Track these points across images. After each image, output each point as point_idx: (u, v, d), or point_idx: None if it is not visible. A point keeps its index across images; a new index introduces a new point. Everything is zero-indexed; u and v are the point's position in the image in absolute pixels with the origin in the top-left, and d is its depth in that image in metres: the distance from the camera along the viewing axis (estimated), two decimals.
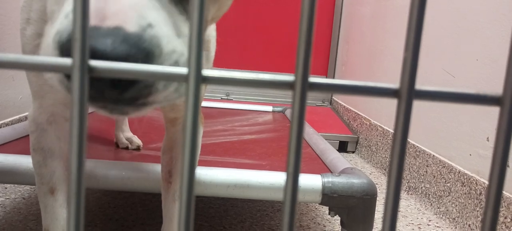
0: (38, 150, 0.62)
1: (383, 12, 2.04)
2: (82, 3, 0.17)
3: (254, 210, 1.30)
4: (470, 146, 1.28)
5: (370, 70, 2.16)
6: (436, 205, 1.41)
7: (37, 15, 0.55)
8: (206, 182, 0.88)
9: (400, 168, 0.20)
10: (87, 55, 0.18)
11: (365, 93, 0.20)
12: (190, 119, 0.19)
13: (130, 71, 0.19)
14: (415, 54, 0.19)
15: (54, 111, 0.61)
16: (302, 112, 0.19)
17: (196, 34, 0.19)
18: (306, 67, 0.19)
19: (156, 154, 1.12)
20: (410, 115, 0.20)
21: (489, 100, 0.20)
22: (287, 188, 0.20)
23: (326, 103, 2.72)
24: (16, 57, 0.18)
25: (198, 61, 0.19)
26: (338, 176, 0.90)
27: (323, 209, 1.36)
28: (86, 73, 0.18)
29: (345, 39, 2.62)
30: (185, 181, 0.19)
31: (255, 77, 0.19)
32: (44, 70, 0.18)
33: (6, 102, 1.40)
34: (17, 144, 1.11)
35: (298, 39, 0.18)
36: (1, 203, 1.22)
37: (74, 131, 0.18)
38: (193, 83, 0.19)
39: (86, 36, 0.17)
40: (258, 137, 1.44)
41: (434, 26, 1.53)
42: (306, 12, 0.18)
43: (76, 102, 0.18)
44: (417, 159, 1.57)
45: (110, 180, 0.88)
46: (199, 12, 0.18)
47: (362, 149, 2.10)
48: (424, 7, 0.19)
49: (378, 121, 1.97)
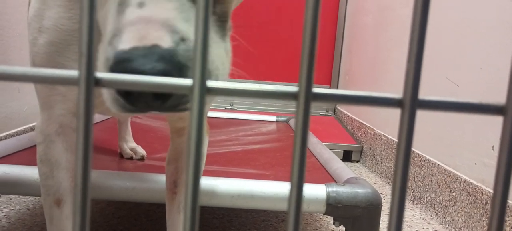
0: (45, 161, 0.62)
1: (385, 22, 2.05)
2: (88, 23, 0.17)
3: (258, 220, 1.29)
4: (475, 155, 1.28)
5: (374, 80, 2.16)
6: (441, 215, 1.40)
7: (51, 22, 0.55)
8: (210, 192, 0.88)
9: (404, 177, 0.20)
10: (93, 67, 0.18)
11: (369, 103, 0.20)
12: (195, 129, 0.19)
13: (136, 82, 0.19)
14: (418, 65, 0.19)
15: (63, 122, 0.61)
16: (306, 123, 0.20)
17: (201, 45, 0.19)
18: (309, 78, 0.19)
19: (160, 164, 1.13)
20: (413, 125, 0.20)
21: (492, 110, 0.20)
22: (291, 198, 0.20)
23: (330, 113, 2.72)
24: (24, 70, 0.18)
25: (202, 72, 0.19)
26: (342, 185, 0.90)
27: (327, 219, 1.35)
28: (92, 85, 0.18)
29: (348, 48, 2.62)
30: (190, 192, 0.19)
31: (259, 88, 0.19)
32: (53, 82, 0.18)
33: (12, 114, 1.41)
34: (22, 155, 1.12)
35: (302, 51, 0.19)
36: (6, 214, 1.22)
37: (79, 142, 0.18)
38: (198, 94, 0.19)
39: (92, 50, 0.18)
40: (262, 147, 1.44)
41: (438, 35, 1.54)
42: (309, 24, 0.18)
43: (82, 115, 0.18)
44: (422, 168, 1.56)
45: (114, 191, 0.88)
46: (204, 23, 0.18)
47: (366, 159, 2.10)
48: (427, 18, 0.19)
49: (383, 130, 1.96)
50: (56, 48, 0.55)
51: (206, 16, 0.18)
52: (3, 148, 1.10)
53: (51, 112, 0.60)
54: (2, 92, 1.35)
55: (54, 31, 0.55)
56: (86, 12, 0.18)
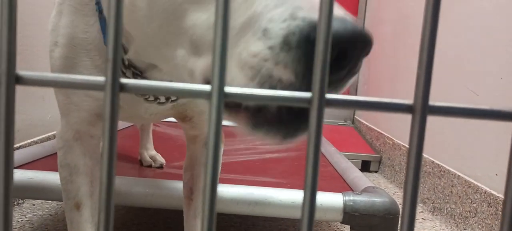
0: (65, 166, 0.65)
1: (404, 31, 2.03)
2: (115, 30, 0.18)
3: (275, 228, 1.29)
4: (496, 165, 1.25)
5: (392, 89, 2.14)
6: (462, 226, 1.38)
7: (64, 39, 0.58)
8: (227, 199, 0.89)
9: (415, 184, 0.21)
10: (118, 73, 0.19)
11: (380, 109, 0.21)
12: (213, 135, 0.20)
13: (156, 88, 0.20)
14: (428, 70, 0.20)
15: (79, 129, 0.64)
16: (319, 129, 0.20)
17: (220, 51, 0.20)
18: (323, 83, 0.20)
19: (178, 172, 1.14)
20: (424, 131, 0.20)
21: (504, 116, 0.21)
22: (304, 205, 0.20)
23: (348, 122, 2.71)
24: (55, 76, 0.19)
25: (221, 78, 0.20)
26: (359, 194, 0.89)
27: (344, 228, 1.34)
28: (117, 89, 0.20)
29: (366, 57, 2.61)
30: (207, 198, 0.20)
31: (274, 94, 0.20)
32: (81, 88, 0.19)
33: (36, 121, 1.45)
34: (46, 161, 1.15)
35: (315, 56, 0.19)
36: (29, 219, 1.25)
37: (105, 144, 0.20)
38: (216, 100, 0.20)
39: (118, 56, 0.19)
40: (280, 156, 1.44)
41: (458, 45, 1.52)
42: (322, 30, 0.19)
43: (108, 118, 0.19)
44: (442, 179, 1.54)
45: (134, 197, 0.90)
46: (223, 30, 0.19)
47: (385, 169, 2.08)
48: (437, 24, 0.20)
49: (402, 140, 1.94)
50: (70, 62, 0.58)
51: (225, 23, 0.19)
52: (28, 154, 1.14)
53: (68, 120, 0.63)
54: (27, 100, 1.39)
55: (68, 47, 0.58)
56: (112, 20, 0.19)
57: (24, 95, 1.37)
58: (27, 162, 1.11)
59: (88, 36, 0.57)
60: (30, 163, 1.11)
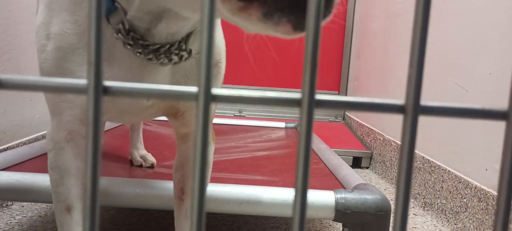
0: (55, 168, 0.64)
1: (394, 28, 2.04)
2: (96, 32, 0.18)
3: (267, 227, 1.29)
4: (486, 160, 1.26)
5: (382, 85, 2.15)
6: (453, 221, 1.39)
7: (57, 28, 0.56)
8: (218, 198, 0.89)
9: (407, 183, 0.21)
10: (101, 76, 0.19)
11: (372, 109, 0.20)
12: (200, 136, 0.20)
13: (142, 91, 0.20)
14: (419, 70, 0.19)
15: (72, 129, 0.62)
16: (309, 129, 0.20)
17: (206, 53, 0.19)
18: (312, 85, 0.19)
19: (169, 172, 1.13)
20: (416, 131, 0.20)
21: (495, 115, 0.21)
22: (295, 206, 0.20)
23: (339, 119, 2.72)
24: (34, 79, 0.18)
25: (207, 80, 0.19)
26: (351, 192, 0.89)
27: (336, 226, 1.34)
28: (101, 93, 0.19)
29: (357, 54, 2.62)
30: (196, 198, 0.20)
31: (263, 95, 0.20)
32: (63, 91, 0.18)
33: (24, 122, 1.43)
34: (34, 162, 1.13)
35: (304, 58, 0.19)
36: (18, 221, 1.23)
37: (89, 149, 0.19)
38: (203, 102, 0.19)
39: (100, 58, 0.18)
40: (271, 153, 1.44)
41: (447, 41, 1.53)
42: (311, 31, 0.19)
43: (91, 123, 0.19)
44: (433, 174, 1.55)
45: (124, 197, 0.89)
46: (209, 29, 0.19)
47: (376, 165, 2.09)
48: (427, 24, 0.19)
49: (392, 136, 1.95)
50: (63, 53, 0.57)
51: (210, 23, 0.19)
52: (16, 156, 1.12)
53: (60, 119, 0.61)
54: (14, 101, 1.37)
55: (61, 36, 0.56)
56: (94, 21, 0.18)
57: (11, 96, 1.36)
58: (15, 163, 1.09)
59: (79, 18, 0.56)
60: (18, 164, 1.09)
